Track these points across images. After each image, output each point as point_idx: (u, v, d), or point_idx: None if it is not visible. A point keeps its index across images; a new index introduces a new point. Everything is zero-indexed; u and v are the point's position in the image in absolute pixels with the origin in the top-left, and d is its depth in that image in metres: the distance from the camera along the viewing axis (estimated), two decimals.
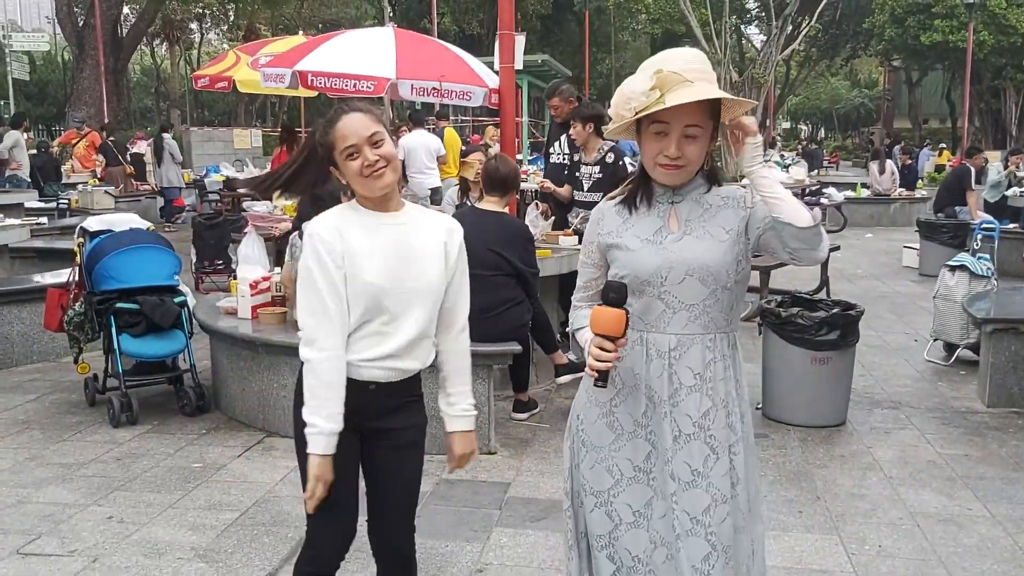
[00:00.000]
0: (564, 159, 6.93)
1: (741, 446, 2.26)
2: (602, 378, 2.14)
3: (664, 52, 2.24)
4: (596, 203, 2.53)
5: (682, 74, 2.12)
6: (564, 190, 6.74)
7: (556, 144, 7.10)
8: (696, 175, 2.25)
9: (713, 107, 2.17)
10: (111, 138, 16.96)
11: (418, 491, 2.56)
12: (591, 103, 7.02)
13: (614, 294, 2.13)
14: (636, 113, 2.14)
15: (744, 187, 2.30)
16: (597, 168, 6.43)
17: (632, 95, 2.13)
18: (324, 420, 2.28)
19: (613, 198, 2.36)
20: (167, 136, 16.04)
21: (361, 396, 2.35)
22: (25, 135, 15.07)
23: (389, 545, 2.52)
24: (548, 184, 6.93)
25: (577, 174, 6.62)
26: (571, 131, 6.54)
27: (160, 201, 16.01)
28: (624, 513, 2.27)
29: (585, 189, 6.53)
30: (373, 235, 2.34)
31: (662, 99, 2.10)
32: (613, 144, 6.41)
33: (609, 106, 2.32)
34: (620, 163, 6.35)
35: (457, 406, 2.53)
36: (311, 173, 2.43)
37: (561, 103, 7.01)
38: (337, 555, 2.49)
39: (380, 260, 2.32)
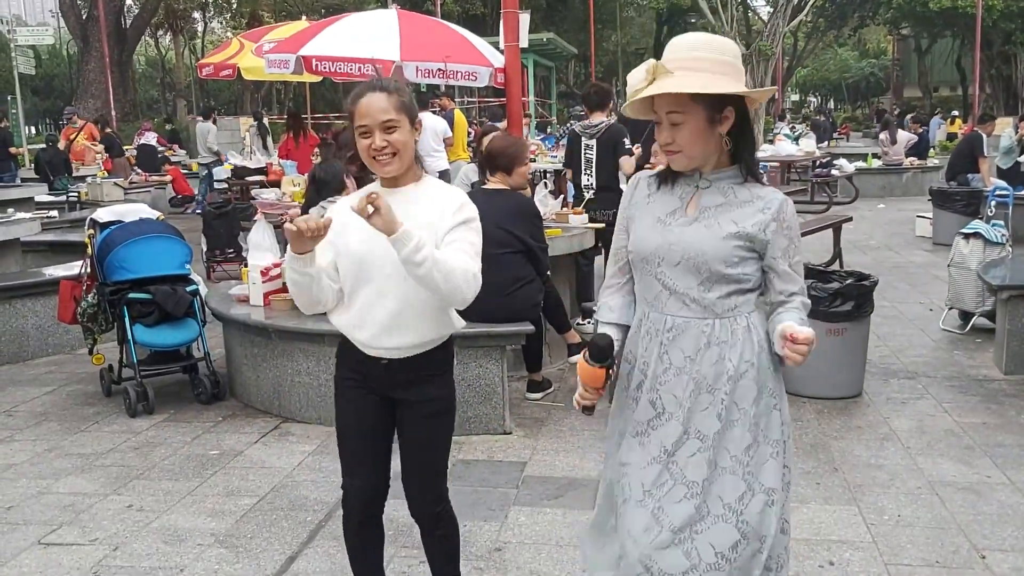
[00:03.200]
0: None
1: (723, 438, 2.21)
2: (587, 409, 2.29)
3: (677, 38, 2.27)
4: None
5: (666, 64, 2.17)
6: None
7: None
8: (728, 165, 2.24)
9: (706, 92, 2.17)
10: (107, 129, 16.98)
11: (443, 459, 2.70)
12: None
13: (598, 352, 2.20)
14: (628, 100, 2.23)
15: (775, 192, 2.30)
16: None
17: (631, 83, 2.21)
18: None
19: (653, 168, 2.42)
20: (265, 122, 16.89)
21: (376, 369, 2.53)
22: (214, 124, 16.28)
23: (415, 505, 2.70)
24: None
25: None
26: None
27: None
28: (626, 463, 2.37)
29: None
30: None
31: (638, 91, 2.18)
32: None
33: (613, 84, 2.38)
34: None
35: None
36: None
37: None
38: (362, 500, 2.66)
39: (360, 231, 2.40)
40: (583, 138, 6.78)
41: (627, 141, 6.63)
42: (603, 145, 6.64)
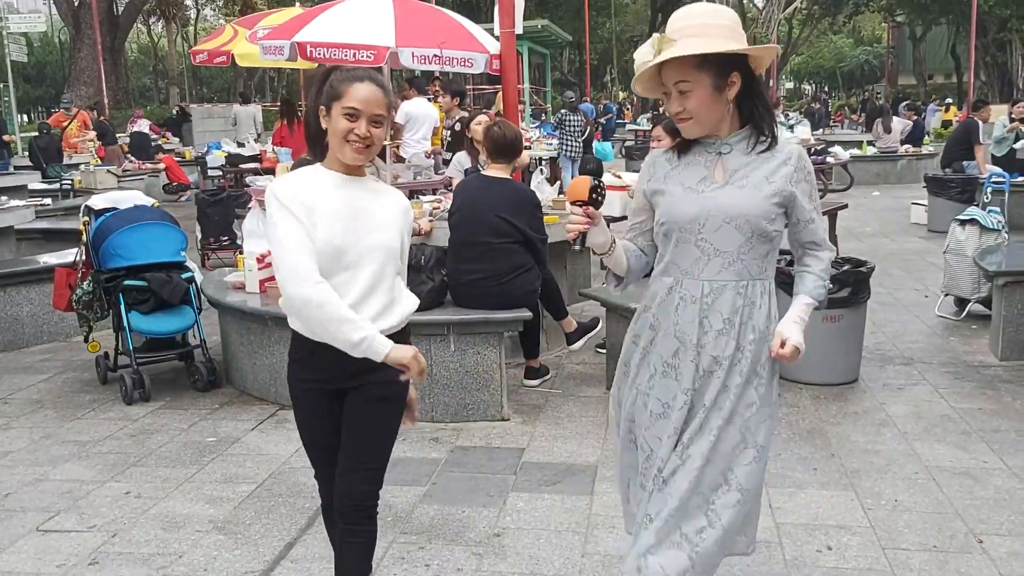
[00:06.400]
0: None
1: (761, 392, 2.36)
2: (577, 241, 2.32)
3: (677, 10, 2.33)
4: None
5: (671, 35, 2.22)
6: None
7: None
8: (742, 127, 2.32)
9: (712, 55, 2.21)
10: (102, 117, 16.88)
11: (387, 449, 2.56)
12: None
13: (592, 166, 2.30)
14: (635, 79, 2.32)
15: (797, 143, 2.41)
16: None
17: (638, 59, 2.27)
18: (364, 330, 2.35)
19: (665, 147, 2.46)
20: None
21: (336, 356, 2.40)
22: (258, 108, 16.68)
23: (349, 498, 2.53)
24: None
25: None
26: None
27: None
28: (654, 444, 2.41)
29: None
30: (332, 193, 2.42)
31: (646, 63, 2.23)
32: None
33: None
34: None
35: None
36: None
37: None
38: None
39: (336, 216, 2.40)
40: None
41: None
42: None
